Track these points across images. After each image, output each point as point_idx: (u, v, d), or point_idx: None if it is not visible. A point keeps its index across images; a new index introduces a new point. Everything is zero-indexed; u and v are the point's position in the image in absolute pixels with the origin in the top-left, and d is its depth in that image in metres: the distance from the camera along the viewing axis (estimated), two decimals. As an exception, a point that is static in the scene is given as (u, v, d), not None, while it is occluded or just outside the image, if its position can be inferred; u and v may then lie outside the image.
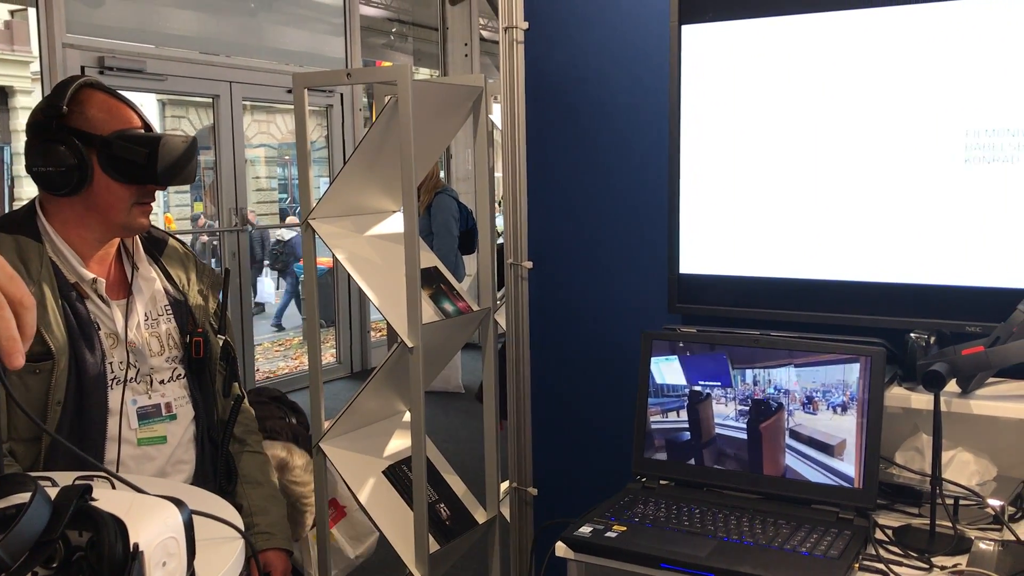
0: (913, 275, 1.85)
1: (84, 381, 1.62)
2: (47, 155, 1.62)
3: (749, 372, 1.79)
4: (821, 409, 1.72)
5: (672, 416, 1.85)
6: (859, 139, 1.87)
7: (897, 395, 1.76)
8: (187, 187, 10.24)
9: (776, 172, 1.95)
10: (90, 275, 1.68)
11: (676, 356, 1.86)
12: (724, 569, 1.48)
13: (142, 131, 1.69)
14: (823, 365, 1.73)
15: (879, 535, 1.63)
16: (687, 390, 1.84)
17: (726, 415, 1.80)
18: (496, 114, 2.36)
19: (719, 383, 1.82)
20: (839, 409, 1.70)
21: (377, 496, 2.16)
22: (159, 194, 1.79)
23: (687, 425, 1.83)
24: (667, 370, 1.86)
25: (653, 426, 1.86)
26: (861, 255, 1.89)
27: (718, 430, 1.80)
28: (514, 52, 2.24)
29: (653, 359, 1.87)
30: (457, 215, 6.02)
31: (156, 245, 1.86)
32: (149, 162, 1.64)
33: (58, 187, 1.64)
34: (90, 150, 1.64)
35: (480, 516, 2.35)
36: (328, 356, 7.48)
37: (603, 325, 2.27)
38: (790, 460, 1.73)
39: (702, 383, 1.83)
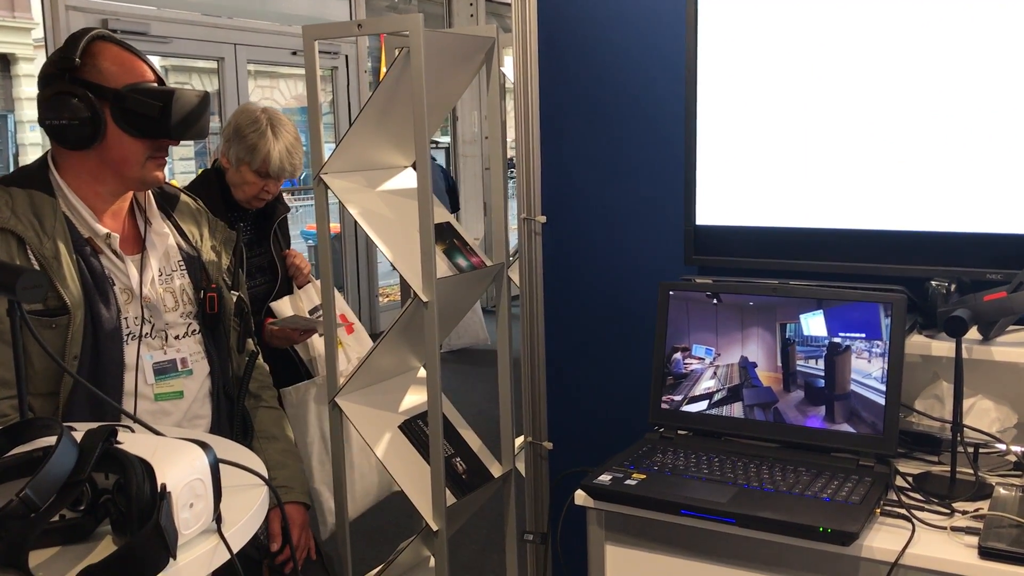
0: (933, 223, 1.83)
1: (100, 336, 1.62)
2: (60, 108, 1.60)
3: (774, 320, 1.78)
4: (841, 356, 1.71)
5: (696, 365, 1.84)
6: (876, 86, 1.84)
7: (917, 343, 1.75)
8: (192, 153, 10.21)
9: (793, 121, 1.93)
10: (104, 230, 1.67)
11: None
12: (745, 515, 1.48)
13: (155, 84, 1.67)
14: (842, 313, 1.71)
15: (899, 482, 1.62)
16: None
17: (759, 362, 1.79)
18: (508, 67, 2.33)
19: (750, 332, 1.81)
20: (858, 356, 1.69)
21: (394, 450, 2.16)
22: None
23: (709, 375, 1.83)
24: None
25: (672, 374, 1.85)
26: (879, 203, 1.87)
27: (741, 380, 1.80)
28: (526, 1, 2.20)
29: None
30: (440, 174, 6.03)
31: (168, 201, 1.85)
32: (162, 116, 1.62)
33: (71, 141, 1.62)
34: (103, 103, 1.61)
35: (496, 470, 2.35)
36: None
37: (618, 278, 2.26)
38: (810, 408, 1.72)
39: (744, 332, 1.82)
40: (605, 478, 1.64)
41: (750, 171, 1.99)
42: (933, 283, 1.76)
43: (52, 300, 1.57)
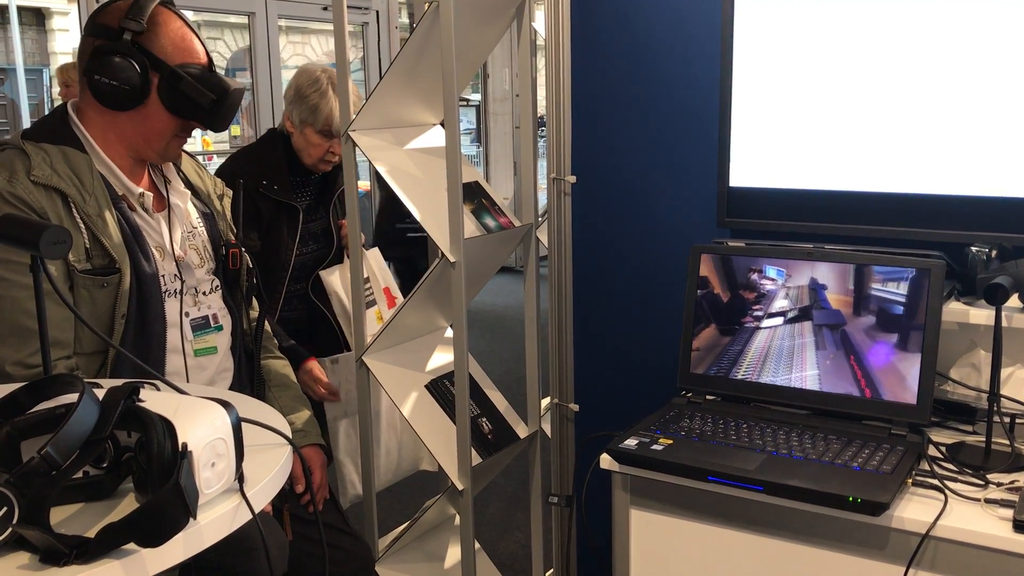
0: (974, 186, 1.78)
1: (144, 293, 1.63)
2: (113, 68, 1.58)
3: (802, 286, 1.74)
4: (875, 323, 1.67)
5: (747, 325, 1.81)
6: (916, 45, 1.78)
7: (955, 310, 1.71)
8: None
9: (830, 81, 1.87)
10: (138, 188, 1.67)
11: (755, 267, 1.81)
12: (773, 482, 1.46)
13: (206, 70, 1.66)
14: (878, 278, 1.67)
15: (932, 452, 1.59)
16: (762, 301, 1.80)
17: (790, 328, 1.76)
18: (540, 22, 2.28)
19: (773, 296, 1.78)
20: (894, 323, 1.65)
21: (420, 409, 2.16)
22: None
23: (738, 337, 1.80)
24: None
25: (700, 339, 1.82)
26: (918, 166, 1.82)
27: (769, 343, 1.77)
28: (559, -44, 2.15)
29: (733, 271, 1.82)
30: None
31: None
32: (213, 108, 1.63)
33: (110, 100, 1.60)
34: (154, 75, 1.61)
35: (522, 431, 2.34)
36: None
37: (648, 240, 2.23)
38: (842, 375, 1.69)
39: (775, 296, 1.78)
40: (631, 442, 1.62)
41: (786, 133, 1.94)
42: (973, 249, 1.72)
43: (99, 258, 1.57)
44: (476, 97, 8.85)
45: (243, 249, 1.83)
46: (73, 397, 0.99)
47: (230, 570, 1.53)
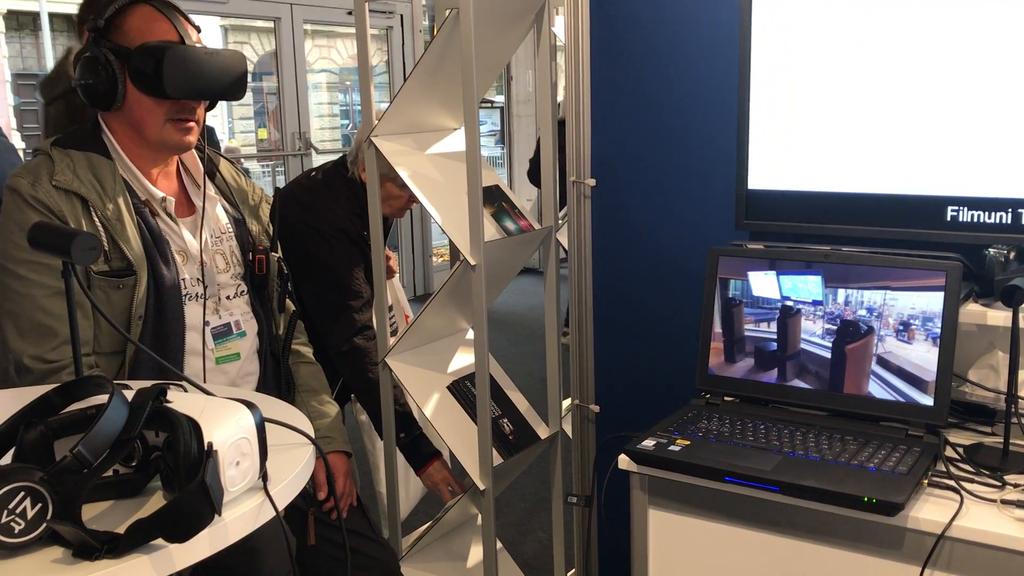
0: (993, 188, 1.77)
1: (163, 296, 1.66)
2: (84, 67, 1.63)
3: (825, 286, 1.75)
4: (892, 324, 1.68)
5: (763, 327, 1.81)
6: (936, 46, 1.78)
7: (972, 311, 1.71)
8: (251, 113, 10.27)
9: (849, 81, 1.88)
10: (160, 193, 1.71)
11: (773, 270, 1.81)
12: (789, 483, 1.47)
13: (173, 43, 1.62)
14: (895, 280, 1.68)
15: (949, 453, 1.60)
16: (779, 304, 1.80)
17: (807, 330, 1.77)
18: (559, 26, 2.31)
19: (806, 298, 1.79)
20: (911, 325, 1.66)
21: (442, 410, 2.19)
22: (224, 120, 1.77)
23: (771, 337, 1.81)
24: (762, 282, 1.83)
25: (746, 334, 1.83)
26: (937, 168, 1.82)
27: (787, 345, 1.78)
28: (578, -39, 2.17)
29: (750, 273, 1.83)
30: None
31: (208, 164, 1.88)
32: (156, 73, 1.59)
33: (95, 101, 1.64)
34: (122, 64, 1.62)
35: (542, 432, 2.37)
36: (391, 280, 7.54)
37: (667, 242, 2.24)
38: (859, 376, 1.70)
39: (793, 298, 1.79)
40: (649, 443, 1.64)
41: (804, 135, 1.94)
42: (991, 250, 1.72)
43: (117, 261, 1.61)
44: (500, 99, 8.87)
45: (271, 255, 1.86)
46: (104, 398, 1.03)
47: (234, 570, 1.56)
